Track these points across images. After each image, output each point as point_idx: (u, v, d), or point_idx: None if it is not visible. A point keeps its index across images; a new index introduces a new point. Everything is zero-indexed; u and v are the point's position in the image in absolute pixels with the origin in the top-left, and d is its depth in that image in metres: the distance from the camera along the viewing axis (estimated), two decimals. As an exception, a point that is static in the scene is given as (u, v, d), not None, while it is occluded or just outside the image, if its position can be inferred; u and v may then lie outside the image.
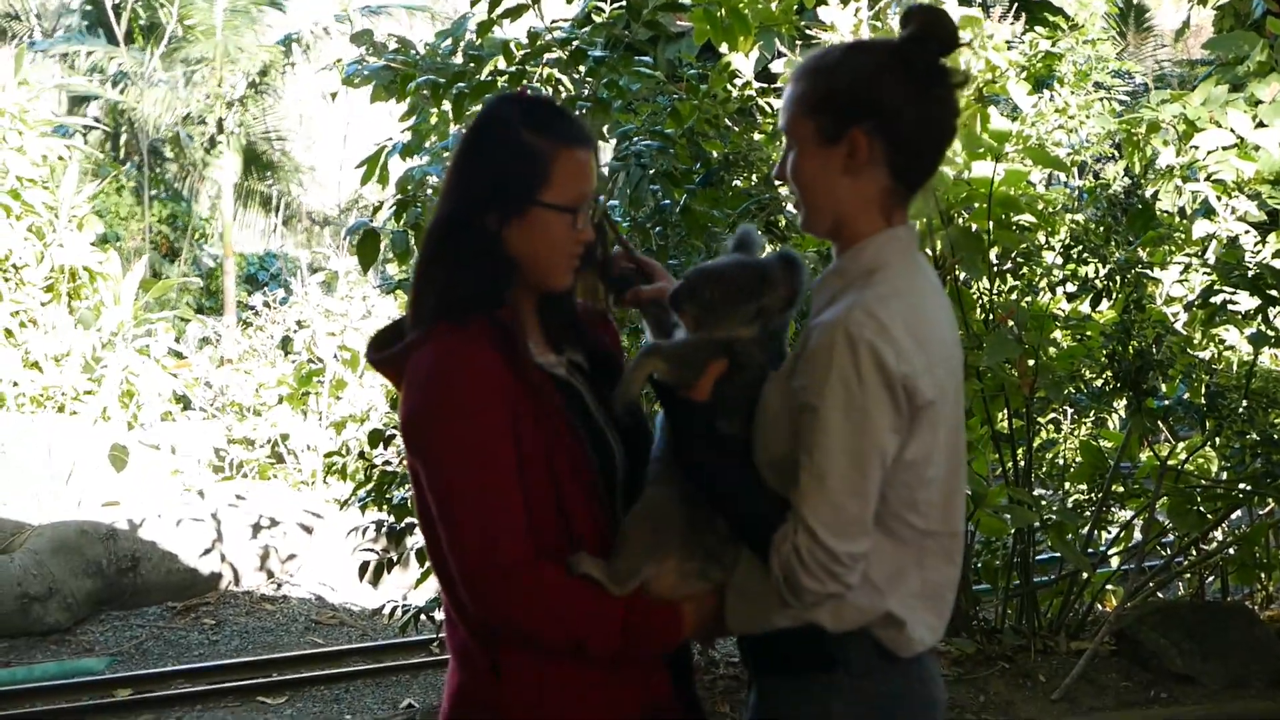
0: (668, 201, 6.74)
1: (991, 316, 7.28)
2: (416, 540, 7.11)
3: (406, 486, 7.07)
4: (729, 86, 7.45)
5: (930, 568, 2.57)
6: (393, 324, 2.81)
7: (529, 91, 2.80)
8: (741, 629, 2.65)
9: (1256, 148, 7.69)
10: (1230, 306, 7.26)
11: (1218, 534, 8.57)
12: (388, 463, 7.29)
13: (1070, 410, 8.63)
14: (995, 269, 7.29)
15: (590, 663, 2.57)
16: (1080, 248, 7.39)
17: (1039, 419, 7.92)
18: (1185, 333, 7.82)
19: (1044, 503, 7.84)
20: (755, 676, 2.70)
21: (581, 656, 2.55)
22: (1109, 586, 8.43)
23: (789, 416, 2.49)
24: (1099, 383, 7.55)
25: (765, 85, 7.73)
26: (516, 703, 2.59)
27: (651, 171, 6.65)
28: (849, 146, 2.52)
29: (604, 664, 2.59)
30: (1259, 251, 7.52)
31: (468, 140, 2.72)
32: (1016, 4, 10.90)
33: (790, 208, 7.15)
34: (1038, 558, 8.23)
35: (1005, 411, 7.41)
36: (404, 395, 2.60)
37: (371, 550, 7.33)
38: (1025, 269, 7.39)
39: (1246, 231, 7.62)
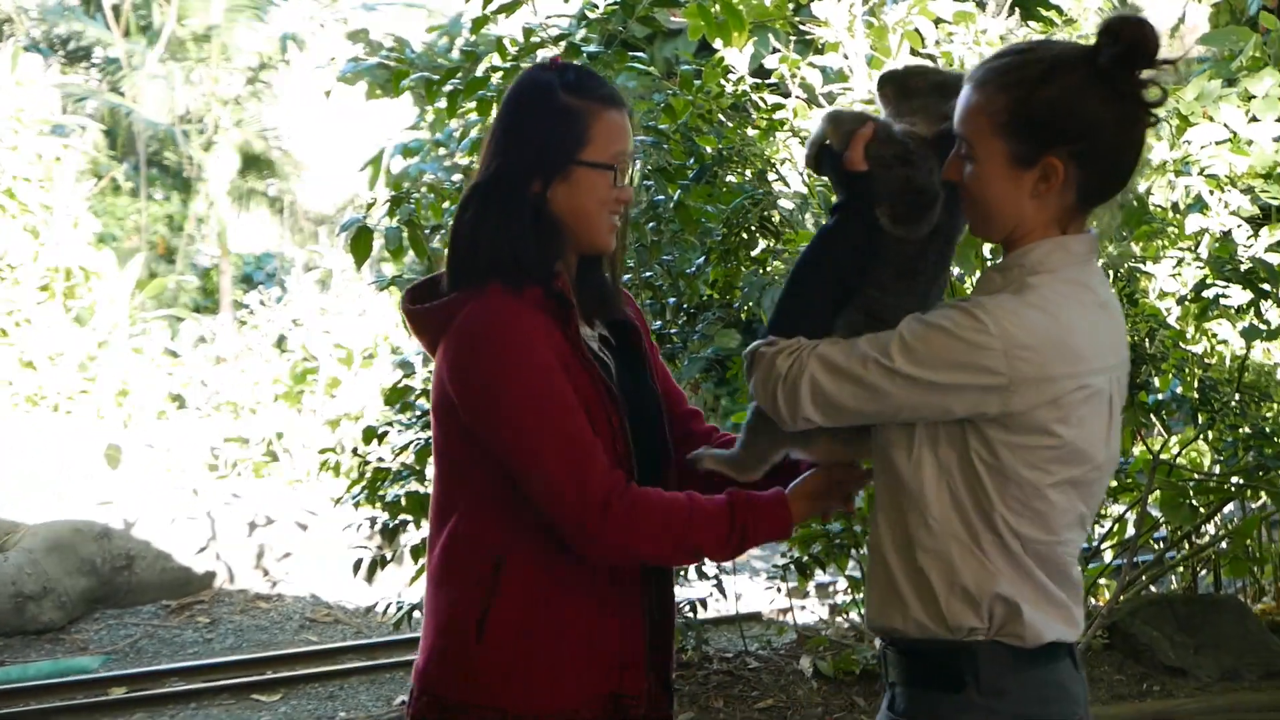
0: (661, 197, 6.74)
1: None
2: (410, 537, 7.12)
3: (400, 484, 7.07)
4: (723, 82, 7.45)
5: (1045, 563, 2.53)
6: (430, 279, 2.83)
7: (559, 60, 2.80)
8: (874, 620, 2.65)
9: (1250, 142, 7.69)
10: (1223, 301, 7.27)
11: (1210, 528, 8.59)
12: (381, 459, 7.29)
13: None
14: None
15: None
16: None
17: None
18: (1178, 327, 7.83)
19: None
20: (894, 683, 2.66)
21: (701, 558, 2.69)
22: (1102, 580, 8.44)
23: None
24: (1092, 377, 7.54)
25: (759, 81, 7.73)
26: (494, 667, 2.65)
27: (645, 167, 6.66)
28: (1043, 172, 2.45)
29: (723, 558, 2.73)
30: (1251, 246, 7.52)
31: (507, 108, 2.77)
32: None
33: (783, 202, 7.16)
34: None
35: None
36: (454, 344, 2.64)
37: (365, 547, 7.33)
38: (1018, 264, 7.38)
39: (1239, 225, 7.62)
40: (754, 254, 7.04)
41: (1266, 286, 6.97)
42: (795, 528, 2.73)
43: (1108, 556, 8.60)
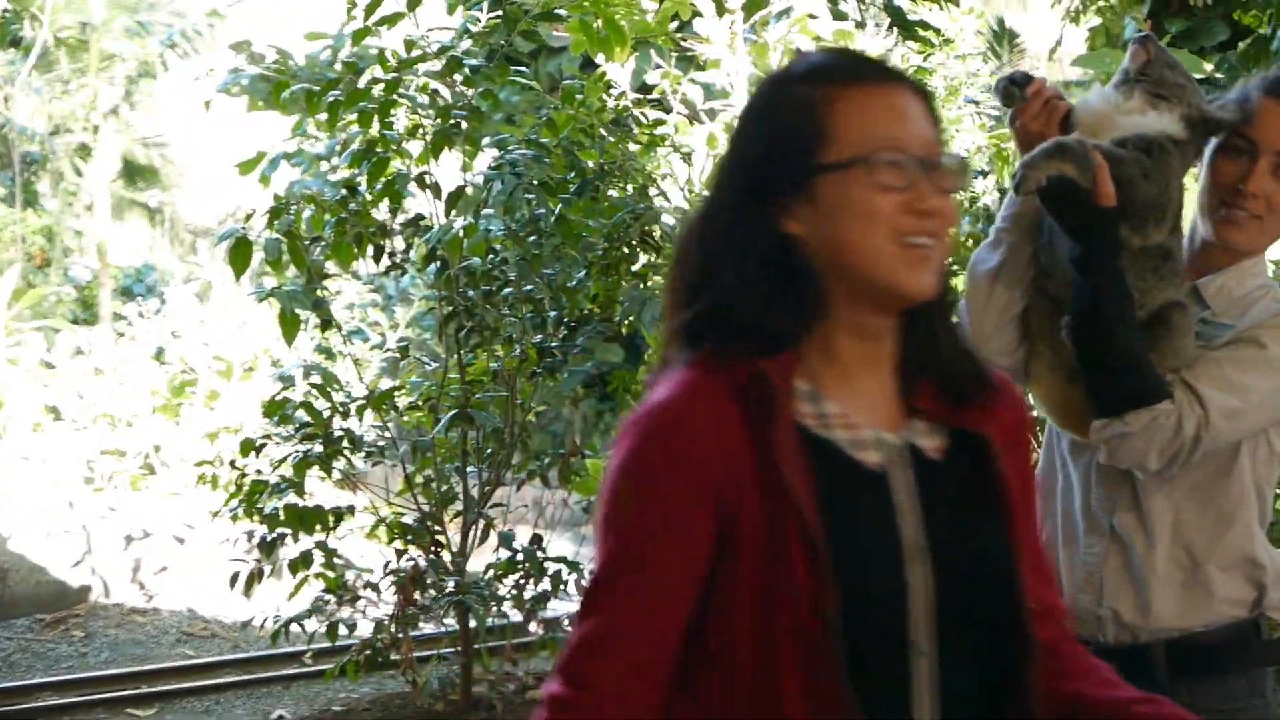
0: (542, 210, 6.76)
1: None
2: (288, 551, 7.08)
3: (278, 496, 7.04)
4: (605, 97, 7.49)
5: None
6: None
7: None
8: (1170, 623, 2.65)
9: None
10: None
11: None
12: (259, 472, 7.24)
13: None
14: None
15: None
16: (952, 262, 7.49)
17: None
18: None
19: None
20: (1175, 680, 2.62)
21: None
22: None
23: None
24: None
25: (641, 96, 7.79)
26: None
27: (527, 180, 6.67)
28: None
29: None
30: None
31: (742, 113, 1.96)
32: (890, 20, 11.05)
33: (664, 217, 7.20)
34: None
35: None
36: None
37: (243, 561, 7.27)
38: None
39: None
40: (635, 268, 7.09)
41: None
42: None
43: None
